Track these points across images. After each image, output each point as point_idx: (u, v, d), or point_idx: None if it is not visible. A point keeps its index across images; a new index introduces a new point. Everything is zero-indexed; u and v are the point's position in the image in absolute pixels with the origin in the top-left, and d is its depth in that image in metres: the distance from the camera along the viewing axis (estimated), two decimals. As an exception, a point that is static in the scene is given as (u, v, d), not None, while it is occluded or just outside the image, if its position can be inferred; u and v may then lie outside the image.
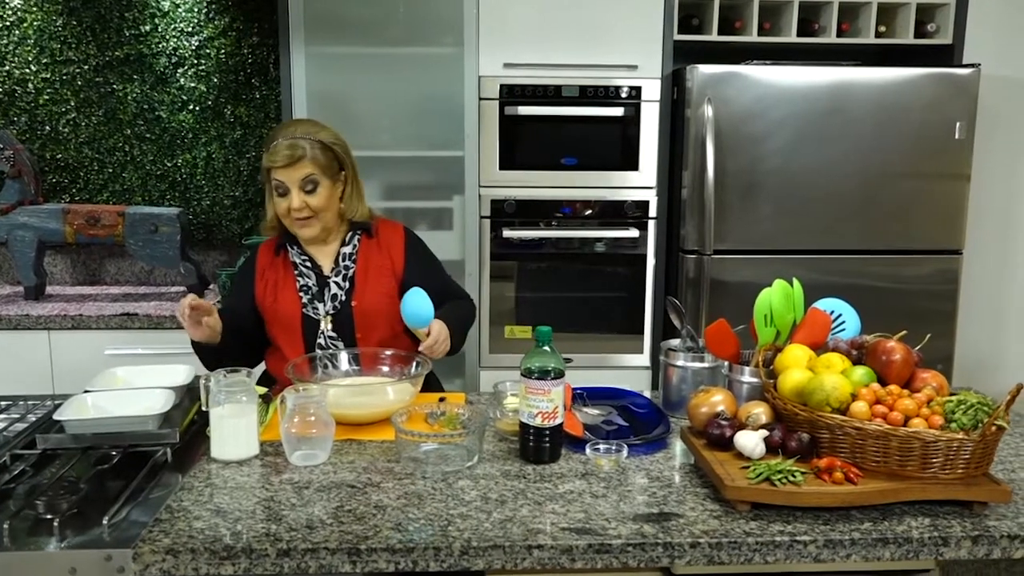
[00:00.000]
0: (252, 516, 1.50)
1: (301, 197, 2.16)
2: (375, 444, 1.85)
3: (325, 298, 2.24)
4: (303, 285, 2.26)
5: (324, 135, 2.21)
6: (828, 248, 3.09)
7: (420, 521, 1.48)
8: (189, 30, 3.55)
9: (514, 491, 1.61)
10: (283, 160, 2.13)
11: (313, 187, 2.17)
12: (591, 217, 3.23)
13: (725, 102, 3.01)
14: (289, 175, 2.15)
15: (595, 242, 3.26)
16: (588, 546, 1.42)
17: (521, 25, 3.13)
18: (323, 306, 2.24)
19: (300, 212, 2.18)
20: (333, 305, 2.23)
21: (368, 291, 2.24)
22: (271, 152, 2.16)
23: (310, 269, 2.27)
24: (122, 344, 3.16)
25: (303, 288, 2.25)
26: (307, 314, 2.23)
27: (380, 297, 2.25)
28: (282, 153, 2.13)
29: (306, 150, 2.15)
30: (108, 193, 3.65)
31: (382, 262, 2.28)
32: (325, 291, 2.25)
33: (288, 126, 2.22)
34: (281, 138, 2.16)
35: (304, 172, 2.15)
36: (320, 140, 2.18)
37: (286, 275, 2.28)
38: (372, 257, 2.28)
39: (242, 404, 1.72)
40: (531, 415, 1.72)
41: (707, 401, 1.74)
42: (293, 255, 2.29)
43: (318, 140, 2.18)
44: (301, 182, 2.16)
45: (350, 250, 2.29)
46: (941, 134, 3.06)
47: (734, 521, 1.50)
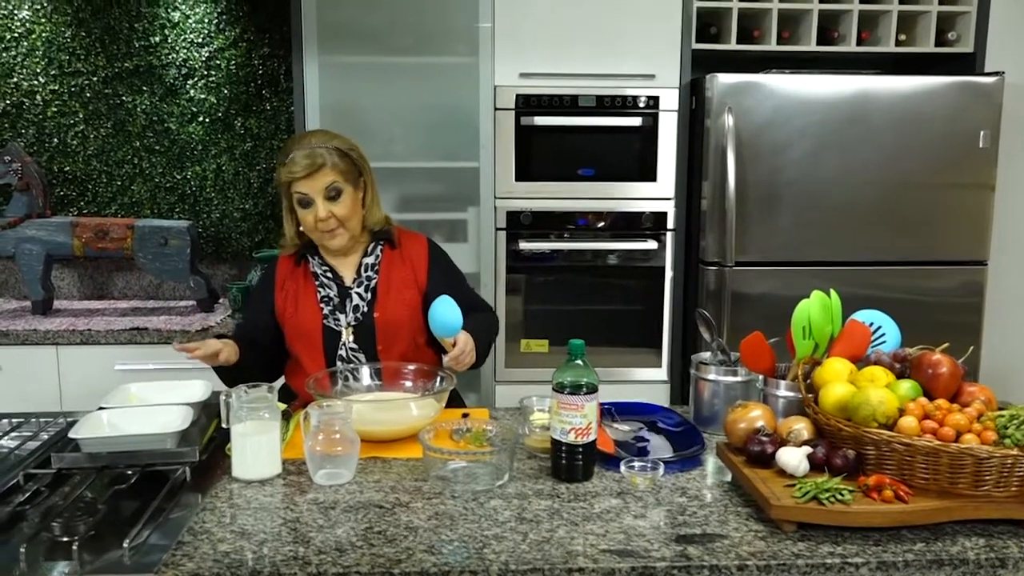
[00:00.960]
0: (278, 538, 1.44)
1: (326, 207, 2.11)
2: (400, 462, 1.79)
3: (347, 309, 2.18)
4: (324, 296, 2.20)
5: (339, 142, 2.16)
6: (851, 260, 3.03)
7: (454, 543, 1.42)
8: (199, 41, 3.51)
9: (548, 511, 1.55)
10: (304, 170, 2.08)
11: (337, 194, 2.12)
12: (608, 229, 3.18)
13: (745, 112, 2.97)
14: (311, 185, 2.10)
15: (612, 254, 3.21)
16: (631, 569, 1.36)
17: (537, 34, 3.09)
18: (345, 317, 2.18)
19: (327, 223, 2.12)
20: (355, 316, 2.18)
21: (391, 303, 2.19)
22: (289, 164, 2.10)
23: (331, 280, 2.22)
24: (132, 359, 3.10)
25: (324, 299, 2.20)
26: (328, 325, 2.18)
27: (402, 309, 2.19)
28: (301, 163, 2.08)
29: (326, 158, 2.10)
30: (117, 206, 3.60)
31: (405, 274, 2.23)
32: (347, 302, 2.19)
33: (301, 138, 2.17)
34: (297, 149, 2.11)
35: (327, 180, 2.10)
36: (337, 147, 2.14)
37: (306, 286, 2.22)
38: (395, 268, 2.23)
39: (264, 421, 1.66)
40: (564, 431, 1.66)
41: (745, 416, 1.69)
42: (314, 265, 2.24)
43: (335, 147, 2.13)
44: (325, 191, 2.11)
45: (372, 261, 2.23)
46: (965, 143, 3.01)
47: (781, 542, 1.44)
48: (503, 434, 1.74)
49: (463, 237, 3.22)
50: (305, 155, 2.09)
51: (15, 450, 1.81)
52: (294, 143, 2.15)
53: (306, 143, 2.13)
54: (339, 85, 3.13)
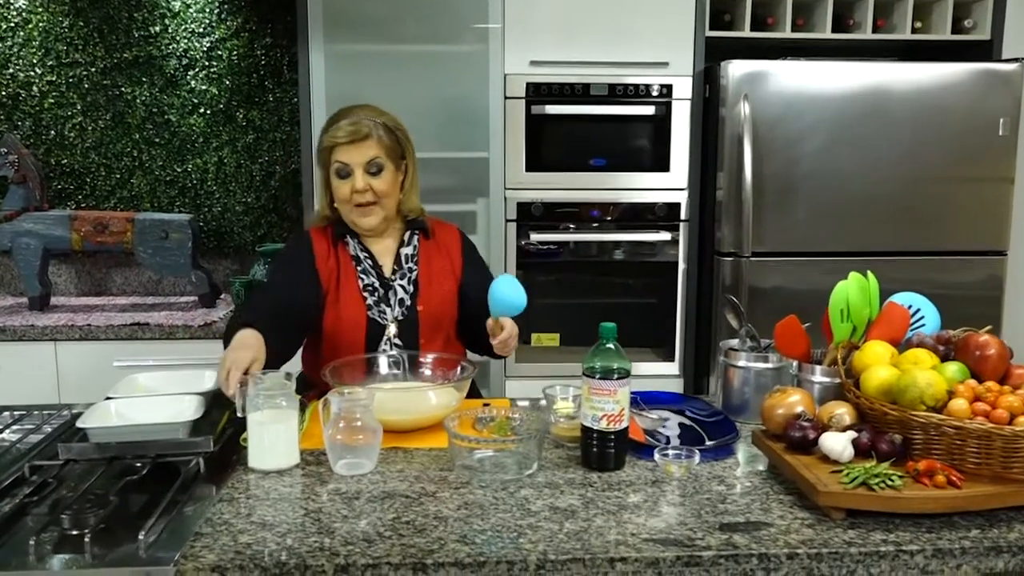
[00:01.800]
0: (301, 529, 1.37)
1: (366, 179, 2.03)
2: (422, 452, 1.72)
3: (392, 302, 2.09)
4: (368, 285, 2.09)
5: (387, 119, 2.09)
6: (869, 250, 2.97)
7: (487, 533, 1.35)
8: (200, 31, 3.44)
9: (582, 500, 1.48)
10: (347, 136, 2.00)
11: (378, 170, 2.04)
12: (620, 220, 3.12)
13: (761, 100, 2.91)
14: (353, 155, 2.02)
15: (625, 246, 3.14)
16: (676, 558, 1.29)
17: (548, 21, 3.02)
18: (391, 311, 2.08)
19: (364, 195, 2.03)
20: (401, 311, 2.09)
21: (433, 295, 2.12)
22: (333, 130, 2.03)
23: (372, 268, 2.12)
24: (132, 356, 3.02)
25: (368, 288, 2.09)
26: (372, 318, 2.07)
27: (443, 301, 2.13)
28: (346, 129, 2.01)
29: (372, 129, 2.03)
30: (115, 200, 3.52)
31: (443, 264, 2.16)
32: (390, 294, 2.10)
33: (350, 109, 2.08)
34: (344, 119, 2.04)
35: (370, 153, 2.03)
36: (384, 123, 2.07)
37: (347, 270, 2.10)
38: (434, 259, 2.16)
39: (282, 409, 1.59)
40: (595, 418, 1.59)
41: (784, 402, 1.62)
42: (354, 248, 2.12)
43: (382, 122, 2.06)
44: (366, 164, 2.02)
45: (411, 251, 2.15)
46: (984, 131, 2.96)
47: (830, 530, 1.37)
48: (530, 422, 1.67)
49: (472, 229, 3.14)
50: (351, 123, 2.02)
51: (17, 443, 1.73)
52: (341, 113, 2.08)
53: (353, 114, 2.05)
54: (345, 75, 3.06)
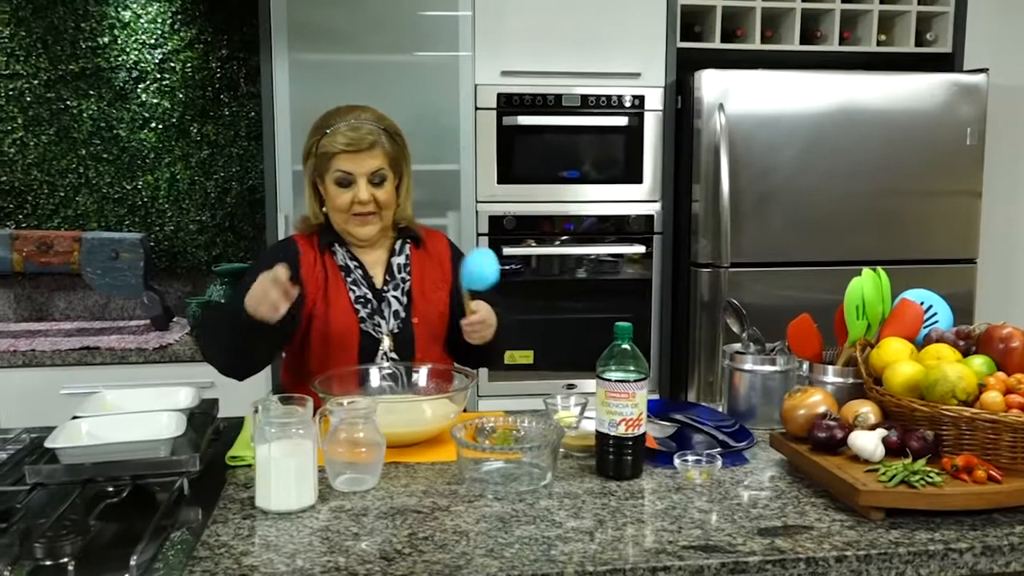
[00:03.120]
0: (310, 548, 1.24)
1: (369, 190, 1.89)
2: (425, 466, 1.61)
3: (386, 314, 1.96)
4: (359, 297, 1.95)
5: (389, 124, 1.95)
6: (845, 259, 2.96)
7: (515, 547, 1.25)
8: (152, 42, 3.29)
9: (608, 509, 1.39)
10: (352, 145, 1.85)
11: (382, 180, 1.90)
12: (594, 233, 3.06)
13: (736, 110, 2.89)
14: (357, 164, 1.87)
15: (599, 259, 3.08)
16: (721, 565, 1.21)
17: (519, 31, 2.97)
18: (386, 324, 1.95)
19: (366, 206, 1.90)
20: (396, 322, 1.95)
21: (427, 307, 1.99)
22: (333, 135, 1.87)
23: (363, 278, 1.98)
24: (81, 382, 2.82)
25: (360, 300, 1.95)
26: (365, 330, 1.93)
27: (438, 313, 2.00)
28: (349, 136, 1.85)
29: (377, 137, 1.88)
30: (59, 219, 3.32)
31: (435, 274, 2.03)
32: (383, 306, 1.96)
33: (350, 110, 1.92)
34: (342, 120, 1.89)
35: (375, 163, 1.88)
36: (386, 128, 1.93)
37: (336, 281, 1.95)
38: (426, 269, 2.02)
39: (295, 440, 1.40)
40: (612, 423, 1.51)
41: (805, 402, 1.56)
42: (343, 257, 1.98)
43: (384, 128, 1.92)
44: (371, 174, 1.88)
45: (403, 261, 2.01)
46: (952, 141, 2.99)
47: (873, 531, 1.31)
48: (543, 431, 1.58)
49: (442, 244, 3.04)
50: (353, 129, 1.87)
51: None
52: (339, 114, 1.92)
53: (353, 116, 1.90)
54: (310, 85, 2.94)
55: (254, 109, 3.37)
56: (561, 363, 3.06)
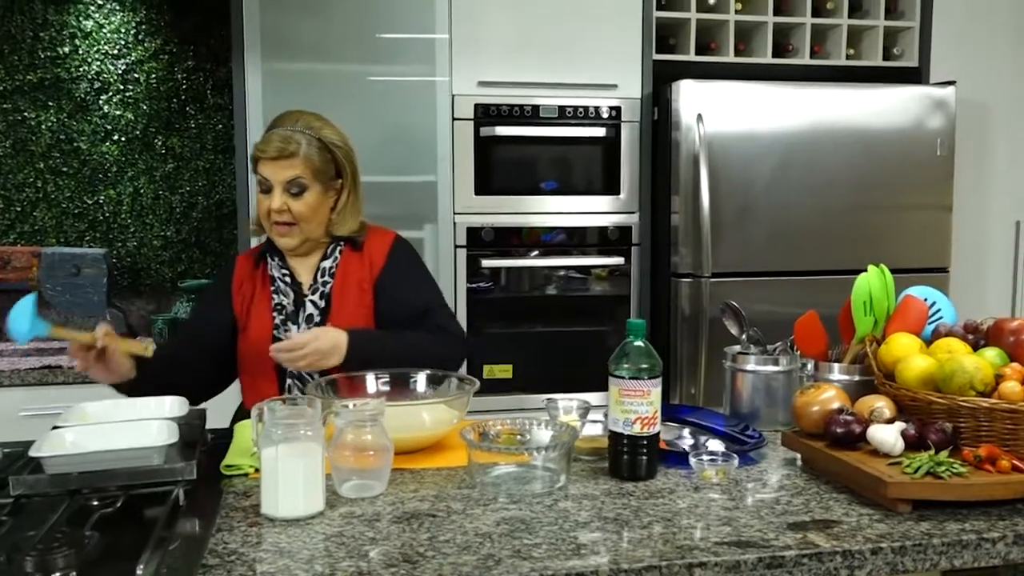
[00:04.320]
0: (327, 554, 1.17)
1: (283, 199, 1.86)
2: (430, 472, 1.55)
3: (300, 319, 1.92)
4: (277, 304, 1.94)
5: (328, 133, 1.91)
6: (823, 268, 2.98)
7: (542, 547, 1.20)
8: (115, 52, 3.20)
9: (631, 509, 1.35)
10: (272, 152, 1.84)
11: (300, 191, 1.87)
12: (573, 244, 3.03)
13: (713, 121, 2.90)
14: (275, 171, 1.85)
15: (579, 271, 3.05)
16: (758, 560, 1.17)
17: (495, 42, 2.95)
18: (297, 328, 1.91)
19: (280, 216, 1.87)
20: (308, 328, 1.90)
21: (345, 311, 1.91)
22: (262, 140, 1.87)
23: (288, 286, 1.95)
24: (42, 403, 2.70)
25: (277, 307, 1.94)
26: (278, 336, 1.91)
27: (358, 318, 1.92)
28: (273, 144, 1.84)
29: (300, 146, 1.85)
30: (15, 234, 3.19)
31: (362, 274, 1.96)
32: (300, 311, 1.93)
33: (290, 115, 1.91)
34: (278, 127, 1.88)
35: (292, 172, 1.85)
36: (320, 138, 1.89)
37: (263, 291, 1.96)
38: (352, 271, 1.95)
39: (303, 442, 1.32)
40: (627, 422, 1.47)
41: (818, 399, 1.54)
42: (272, 268, 1.97)
43: (318, 137, 1.89)
44: (287, 183, 1.86)
45: (330, 264, 1.96)
46: (922, 151, 3.04)
47: (902, 523, 1.28)
48: (554, 433, 1.53)
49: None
50: (281, 137, 1.85)
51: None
52: (281, 118, 1.91)
53: (291, 122, 1.88)
54: (284, 95, 2.86)
55: (221, 121, 3.29)
56: (540, 377, 3.01)
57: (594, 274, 3.07)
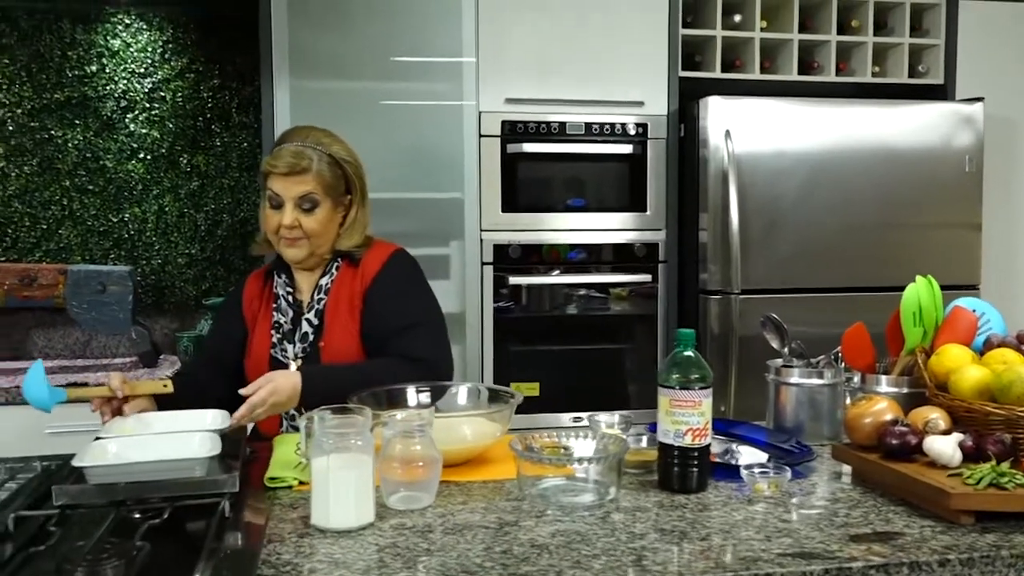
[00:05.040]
0: (383, 565, 1.15)
1: (295, 215, 1.85)
2: (476, 484, 1.52)
3: (295, 338, 1.91)
4: (275, 322, 1.94)
5: (337, 149, 1.90)
6: (853, 286, 2.97)
7: (601, 558, 1.17)
8: (141, 71, 3.21)
9: (685, 520, 1.32)
10: (284, 167, 1.83)
11: (312, 206, 1.85)
12: (600, 262, 3.02)
13: (741, 137, 2.90)
14: (287, 187, 1.84)
15: (606, 288, 3.04)
16: (824, 571, 1.14)
17: (522, 58, 2.95)
18: (292, 347, 1.90)
19: (291, 232, 1.86)
20: (303, 347, 1.89)
21: (337, 329, 1.89)
22: (273, 156, 1.86)
23: (290, 305, 1.94)
24: (68, 420, 2.66)
25: (275, 325, 1.94)
26: (275, 356, 1.91)
27: (348, 334, 1.89)
28: (285, 160, 1.83)
29: (312, 162, 1.84)
30: (41, 252, 3.19)
31: (353, 289, 1.92)
32: (297, 330, 1.91)
33: (299, 131, 1.91)
34: (288, 142, 1.87)
35: (304, 188, 1.84)
36: (331, 154, 1.88)
37: (266, 309, 1.97)
38: (344, 286, 1.92)
39: (354, 453, 1.30)
40: (678, 434, 1.45)
41: (871, 410, 1.51)
42: (278, 286, 1.97)
43: (328, 153, 1.88)
44: (299, 199, 1.85)
45: (326, 281, 1.93)
46: (952, 168, 3.03)
47: (966, 535, 1.25)
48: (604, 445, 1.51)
49: (444, 274, 2.97)
50: (292, 152, 1.84)
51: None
52: (290, 134, 1.92)
53: (301, 138, 1.87)
54: (312, 112, 2.86)
55: (246, 139, 3.29)
56: (567, 395, 2.99)
57: (620, 291, 3.06)
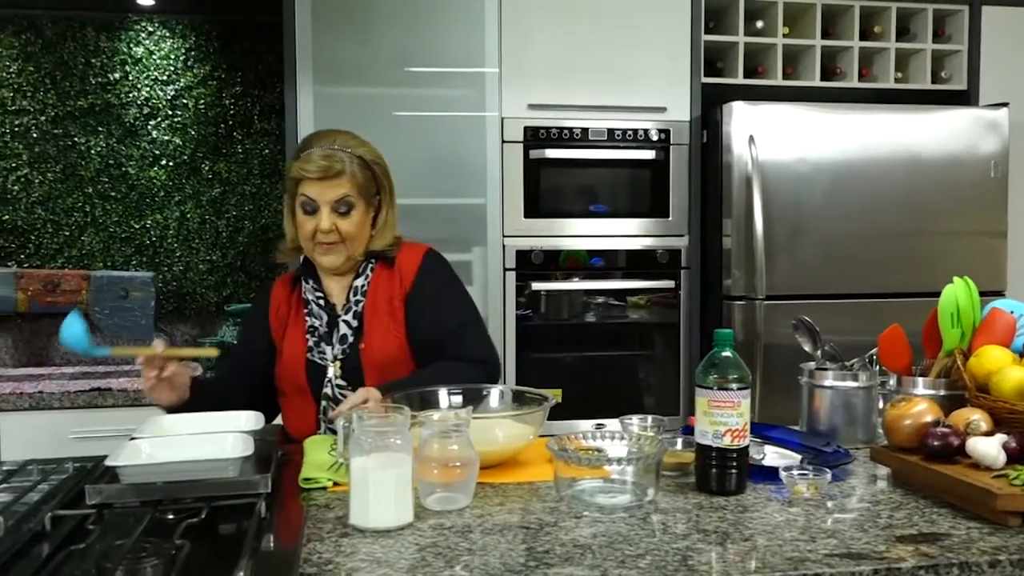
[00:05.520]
0: (426, 564, 1.14)
1: (332, 219, 1.84)
2: (511, 486, 1.51)
3: (333, 340, 1.89)
4: (311, 326, 1.92)
5: (365, 151, 1.89)
6: (877, 291, 2.95)
7: (646, 558, 1.16)
8: (164, 79, 3.23)
9: (727, 521, 1.31)
10: (318, 172, 1.81)
11: (348, 209, 1.84)
12: (622, 267, 3.01)
13: (765, 143, 2.89)
14: (322, 192, 1.83)
15: (628, 294, 3.03)
16: (874, 572, 1.13)
17: (545, 64, 2.96)
18: (331, 350, 1.88)
19: (328, 236, 1.85)
20: (342, 348, 1.88)
21: (376, 330, 1.88)
22: (303, 160, 1.83)
23: (322, 308, 1.92)
24: (91, 425, 2.69)
25: (311, 329, 1.92)
26: (311, 359, 1.89)
27: (389, 336, 1.89)
28: (318, 163, 1.81)
29: (346, 165, 1.83)
30: (63, 259, 3.20)
31: (392, 291, 1.92)
32: (334, 332, 1.90)
33: (325, 135, 1.89)
34: (316, 147, 1.85)
35: (340, 191, 1.83)
36: (361, 156, 1.87)
37: (297, 314, 1.95)
38: (382, 288, 1.92)
39: (393, 452, 1.29)
40: (717, 435, 1.43)
41: (910, 412, 1.49)
42: (306, 291, 1.95)
43: (358, 156, 1.87)
44: (335, 203, 1.83)
45: (362, 283, 1.92)
46: (977, 173, 3.02)
47: (1015, 536, 1.24)
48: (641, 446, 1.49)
49: (467, 279, 2.97)
50: (324, 155, 1.82)
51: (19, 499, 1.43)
52: (315, 138, 1.89)
53: (328, 141, 1.86)
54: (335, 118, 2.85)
55: (268, 146, 3.30)
56: (590, 401, 2.98)
57: (643, 298, 3.05)
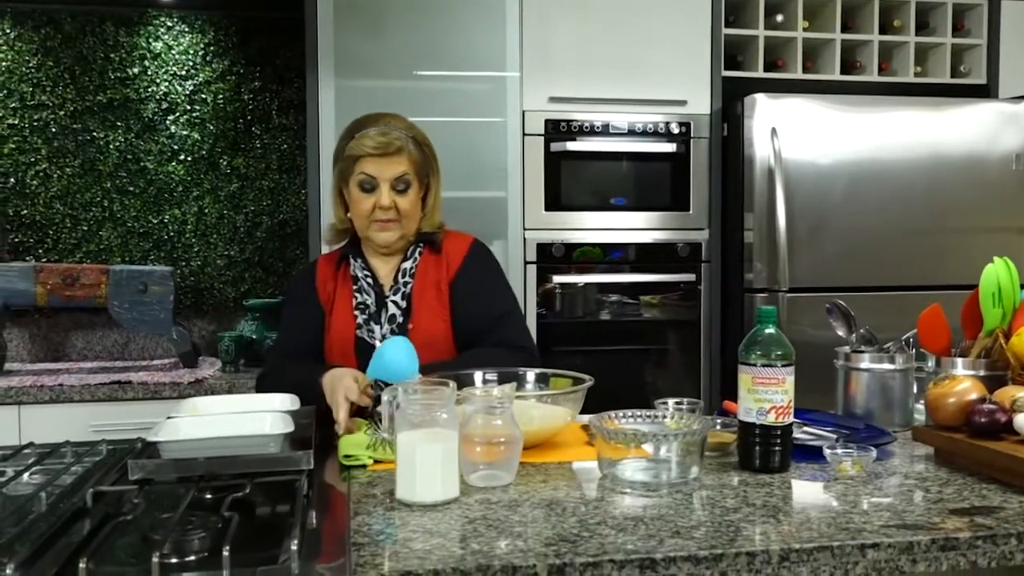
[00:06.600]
0: (479, 534, 1.13)
1: (392, 196, 1.85)
2: (551, 465, 1.50)
3: (382, 319, 1.90)
4: (360, 303, 1.92)
5: (416, 132, 1.93)
6: (900, 284, 2.94)
7: (700, 529, 1.15)
8: (183, 73, 3.22)
9: (775, 496, 1.30)
10: (378, 148, 1.83)
11: (406, 187, 1.87)
12: (643, 261, 3.00)
13: (787, 136, 2.88)
14: (382, 168, 1.85)
15: (649, 287, 3.02)
16: (931, 542, 1.12)
17: (566, 57, 2.95)
18: (380, 328, 1.89)
19: (387, 213, 1.86)
20: (391, 328, 1.89)
21: (425, 312, 1.90)
22: (361, 138, 1.85)
23: (371, 286, 1.93)
24: (111, 418, 2.67)
25: (360, 306, 1.92)
26: (361, 336, 1.89)
27: (436, 319, 1.90)
28: (376, 140, 1.84)
29: (404, 142, 1.87)
30: (82, 253, 3.19)
31: (439, 276, 1.94)
32: (383, 311, 1.91)
33: (377, 117, 1.92)
34: (372, 126, 1.87)
35: (400, 168, 1.86)
36: (414, 136, 1.91)
37: (344, 289, 1.95)
38: (430, 272, 1.94)
39: (440, 428, 1.29)
40: (761, 412, 1.42)
41: (953, 390, 1.48)
42: (355, 268, 1.95)
43: (412, 136, 1.90)
44: (394, 180, 1.86)
45: (410, 265, 1.94)
46: (999, 165, 3.02)
47: (1069, 509, 1.22)
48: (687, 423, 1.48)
49: (488, 273, 2.96)
50: (381, 133, 1.85)
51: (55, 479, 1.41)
52: (368, 120, 1.91)
53: (383, 122, 1.89)
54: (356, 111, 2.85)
55: (286, 141, 3.30)
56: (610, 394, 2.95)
57: (663, 291, 3.03)
